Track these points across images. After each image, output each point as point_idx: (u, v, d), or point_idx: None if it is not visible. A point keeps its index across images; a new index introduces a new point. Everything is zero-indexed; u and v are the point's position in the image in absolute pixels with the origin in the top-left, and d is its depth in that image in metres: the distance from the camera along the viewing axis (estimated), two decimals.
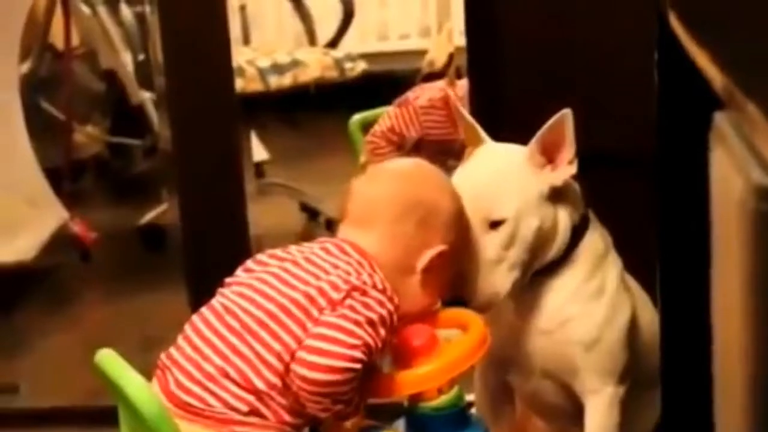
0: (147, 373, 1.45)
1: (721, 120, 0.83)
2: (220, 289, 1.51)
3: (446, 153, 2.85)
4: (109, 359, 1.45)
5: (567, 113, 1.62)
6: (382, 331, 1.43)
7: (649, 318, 1.71)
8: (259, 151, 3.84)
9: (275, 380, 1.40)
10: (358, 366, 1.38)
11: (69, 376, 2.65)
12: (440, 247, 1.53)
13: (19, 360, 2.87)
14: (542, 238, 1.64)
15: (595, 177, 1.69)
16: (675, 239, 1.34)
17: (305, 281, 1.45)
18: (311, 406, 1.40)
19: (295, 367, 1.38)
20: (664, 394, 1.47)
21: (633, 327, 1.70)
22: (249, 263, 1.54)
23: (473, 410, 1.74)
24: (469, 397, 1.67)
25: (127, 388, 1.39)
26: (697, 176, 0.96)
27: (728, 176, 0.76)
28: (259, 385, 1.40)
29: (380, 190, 1.56)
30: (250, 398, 1.40)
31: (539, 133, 1.63)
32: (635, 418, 1.72)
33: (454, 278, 1.59)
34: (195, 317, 1.49)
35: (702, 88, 0.94)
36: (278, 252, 1.53)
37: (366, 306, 1.43)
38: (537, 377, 1.71)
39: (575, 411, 1.71)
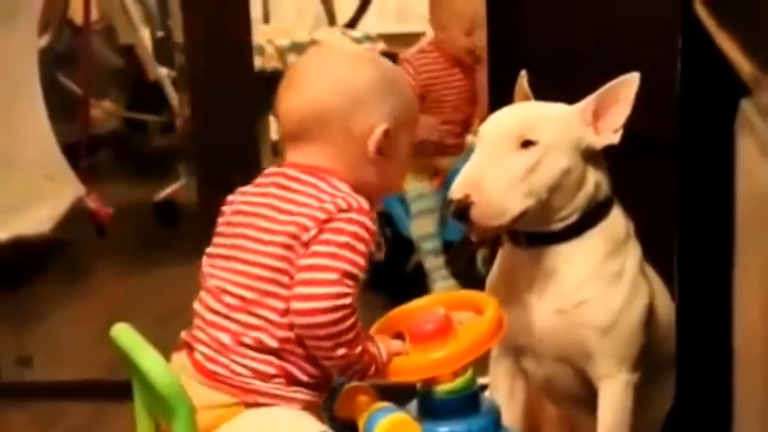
0: (161, 348, 1.46)
1: (747, 107, 0.82)
2: (209, 267, 1.50)
3: (447, 107, 2.91)
4: (125, 333, 1.46)
5: (635, 77, 1.62)
6: (361, 246, 1.42)
7: (666, 307, 1.70)
8: (276, 130, 3.84)
9: (287, 334, 1.42)
10: (346, 301, 1.40)
11: (83, 349, 2.66)
12: (382, 127, 1.50)
13: (34, 333, 2.88)
14: (565, 186, 1.63)
15: (617, 164, 1.68)
16: (696, 226, 1.33)
17: (278, 232, 1.45)
18: (316, 353, 1.42)
19: (291, 317, 1.41)
20: (679, 381, 1.46)
21: (650, 314, 1.69)
22: (221, 227, 1.53)
23: (486, 393, 1.73)
24: (482, 381, 1.67)
25: (143, 362, 1.40)
26: (721, 164, 0.96)
27: (755, 163, 0.75)
28: (273, 344, 1.43)
29: (299, 102, 1.51)
30: (272, 358, 1.43)
31: (601, 90, 1.65)
32: (649, 404, 1.71)
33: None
34: (198, 301, 1.50)
35: (727, 74, 0.93)
36: (241, 207, 1.51)
37: (337, 231, 1.42)
38: (551, 362, 1.71)
39: (589, 397, 1.70)
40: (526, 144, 1.61)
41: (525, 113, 1.66)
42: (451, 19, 2.95)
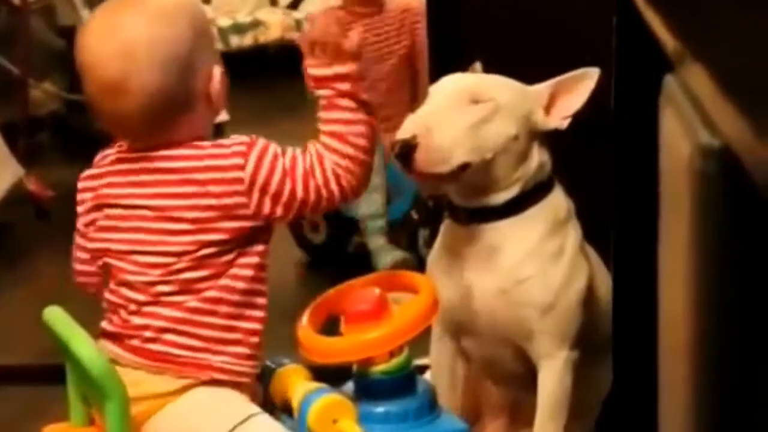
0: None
1: (670, 82, 0.82)
2: (116, 261, 1.48)
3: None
4: (56, 316, 1.44)
5: (596, 71, 1.64)
6: (279, 172, 1.46)
7: (606, 287, 1.71)
8: None
9: (236, 284, 1.44)
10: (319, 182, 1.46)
11: (24, 333, 2.62)
12: (218, 73, 1.47)
13: None
14: (510, 153, 1.64)
15: (559, 144, 1.69)
16: (631, 205, 1.34)
17: (192, 207, 1.43)
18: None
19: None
20: (615, 362, 1.47)
21: (589, 294, 1.70)
22: (101, 221, 1.51)
23: (426, 375, 1.73)
24: (420, 362, 1.67)
25: (74, 346, 1.38)
26: (651, 140, 0.96)
27: (676, 138, 0.75)
28: (222, 295, 1.43)
29: (129, 101, 1.41)
30: (215, 319, 1.43)
31: (561, 77, 1.67)
32: (589, 385, 1.72)
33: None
34: (113, 292, 1.48)
35: (656, 51, 0.93)
36: (120, 200, 1.48)
37: (267, 182, 1.45)
38: (491, 341, 1.71)
39: (529, 377, 1.71)
40: (478, 103, 1.62)
41: (479, 78, 1.70)
42: None
